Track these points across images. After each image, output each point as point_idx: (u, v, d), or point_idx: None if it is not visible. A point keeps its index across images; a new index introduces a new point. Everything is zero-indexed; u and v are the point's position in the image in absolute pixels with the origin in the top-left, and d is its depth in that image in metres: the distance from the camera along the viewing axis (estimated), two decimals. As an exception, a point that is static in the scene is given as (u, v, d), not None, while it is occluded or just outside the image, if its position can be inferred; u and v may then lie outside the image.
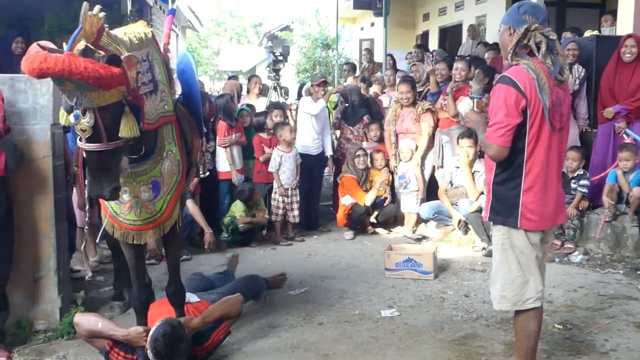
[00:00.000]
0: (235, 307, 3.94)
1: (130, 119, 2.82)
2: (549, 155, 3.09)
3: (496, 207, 3.17)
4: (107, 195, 2.89)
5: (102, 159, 2.83)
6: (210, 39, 45.59)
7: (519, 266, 3.15)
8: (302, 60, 19.85)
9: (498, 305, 3.27)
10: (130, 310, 4.53)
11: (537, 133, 3.04)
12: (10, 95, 4.14)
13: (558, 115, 3.11)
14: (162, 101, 3.36)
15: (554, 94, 3.06)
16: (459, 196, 6.85)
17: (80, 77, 2.53)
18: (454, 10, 15.01)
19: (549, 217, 3.15)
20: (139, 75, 3.05)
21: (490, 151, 3.10)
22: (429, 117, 7.31)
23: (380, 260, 5.80)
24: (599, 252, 6.17)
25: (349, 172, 7.36)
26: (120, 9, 11.90)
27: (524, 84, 2.99)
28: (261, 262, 6.23)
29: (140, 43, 3.22)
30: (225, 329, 3.87)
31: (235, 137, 7.13)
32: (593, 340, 4.06)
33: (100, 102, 2.68)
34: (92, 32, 2.72)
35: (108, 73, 2.60)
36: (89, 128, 2.72)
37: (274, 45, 10.71)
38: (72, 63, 2.51)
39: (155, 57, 3.40)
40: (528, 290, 3.16)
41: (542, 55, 3.02)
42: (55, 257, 4.31)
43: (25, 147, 4.17)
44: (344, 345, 4.08)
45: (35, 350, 4.05)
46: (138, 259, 3.69)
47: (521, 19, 3.10)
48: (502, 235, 3.17)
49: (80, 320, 3.66)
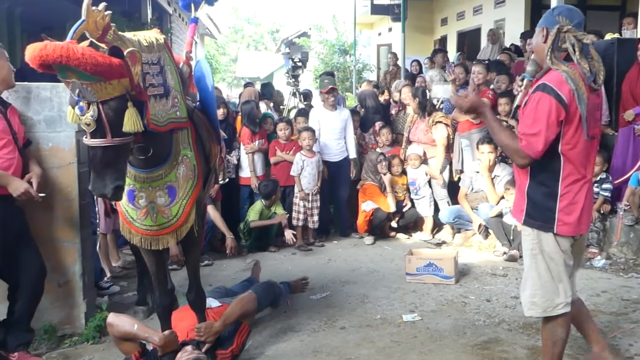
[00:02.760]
0: (250, 304, 3.99)
1: (134, 114, 2.84)
2: (583, 160, 3.06)
3: (532, 212, 3.12)
4: (110, 194, 2.88)
5: (107, 156, 2.85)
6: (228, 46, 45.89)
7: (548, 272, 3.11)
8: (319, 66, 19.86)
9: (529, 312, 3.23)
10: (153, 315, 4.59)
11: (573, 140, 2.99)
12: (36, 104, 4.22)
13: (593, 121, 3.08)
14: (174, 107, 3.37)
15: (590, 101, 3.02)
16: (479, 200, 6.84)
17: (78, 64, 2.57)
18: (472, 15, 14.98)
19: (584, 222, 3.12)
20: (147, 76, 3.09)
21: (522, 161, 3.05)
22: (441, 128, 7.27)
23: (401, 265, 5.81)
24: (621, 257, 6.11)
25: (369, 180, 7.37)
26: (140, 18, 12.04)
27: (564, 94, 2.93)
28: (282, 267, 6.26)
29: (151, 46, 3.23)
30: (246, 329, 3.92)
31: (259, 143, 7.18)
32: (617, 344, 4.03)
33: (103, 95, 2.72)
34: (97, 28, 2.76)
35: (106, 61, 2.63)
36: (93, 122, 2.76)
37: (292, 51, 10.71)
38: (70, 50, 2.56)
39: (168, 63, 3.41)
40: (558, 296, 3.12)
41: (577, 59, 2.97)
42: (80, 263, 4.37)
43: (51, 155, 4.25)
44: (366, 350, 4.09)
45: (61, 355, 4.11)
46: (159, 264, 3.71)
47: (555, 20, 3.07)
48: (532, 240, 3.14)
49: (115, 321, 3.61)
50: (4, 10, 10.77)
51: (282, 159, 7.25)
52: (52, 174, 4.25)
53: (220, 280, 5.57)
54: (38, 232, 4.13)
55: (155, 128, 3.10)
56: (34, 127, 4.19)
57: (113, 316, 3.68)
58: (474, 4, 14.81)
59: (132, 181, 3.35)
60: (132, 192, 3.39)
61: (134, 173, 3.31)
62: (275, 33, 47.09)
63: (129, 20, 10.81)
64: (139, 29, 3.63)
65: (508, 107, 7.16)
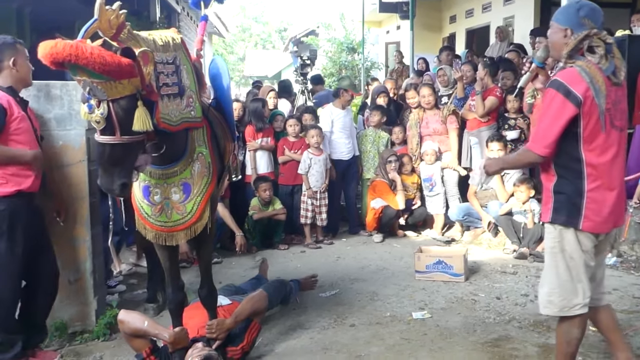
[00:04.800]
0: (261, 302, 4.01)
1: (144, 114, 2.84)
2: (610, 155, 3.01)
3: (558, 208, 3.07)
4: (117, 190, 2.90)
5: (115, 153, 2.85)
6: (236, 45, 45.97)
7: (568, 271, 3.07)
8: (328, 65, 19.87)
9: (544, 310, 3.19)
10: (163, 313, 4.60)
11: (593, 135, 2.95)
12: (47, 102, 4.23)
13: (619, 113, 3.04)
14: (189, 107, 3.37)
15: (612, 93, 2.97)
16: (488, 198, 6.82)
17: (86, 63, 2.58)
18: (481, 12, 14.89)
19: (610, 219, 3.06)
20: (160, 75, 3.09)
21: (532, 158, 3.06)
22: (454, 119, 7.36)
23: (410, 262, 5.80)
24: (632, 255, 6.07)
25: (379, 177, 7.36)
26: (149, 16, 12.09)
27: (578, 90, 2.90)
28: (290, 265, 6.26)
29: (166, 46, 3.23)
30: (256, 326, 3.93)
31: (262, 141, 7.18)
32: (629, 343, 3.99)
33: (113, 93, 2.72)
34: (110, 27, 2.75)
35: (115, 61, 2.63)
36: (103, 120, 2.77)
37: (300, 49, 10.78)
38: (80, 48, 2.57)
39: (184, 63, 3.40)
40: (576, 296, 3.07)
41: (598, 58, 2.93)
42: (90, 260, 4.38)
43: (61, 153, 4.26)
44: (376, 347, 4.08)
45: (72, 352, 4.13)
46: (172, 261, 3.73)
47: (580, 23, 3.00)
48: (554, 238, 3.10)
49: (125, 318, 3.62)
50: (14, 9, 10.84)
51: (291, 159, 7.25)
52: (63, 172, 4.26)
53: (229, 278, 5.58)
54: (49, 230, 4.14)
55: (166, 127, 3.10)
56: (44, 125, 4.19)
57: (124, 313, 3.69)
58: (482, 2, 14.73)
59: (147, 177, 3.37)
60: (147, 188, 3.41)
61: (150, 169, 3.32)
62: (283, 32, 47.07)
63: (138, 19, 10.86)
64: (148, 28, 3.63)
65: (517, 104, 7.14)
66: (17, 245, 3.72)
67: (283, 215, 6.95)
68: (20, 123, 3.71)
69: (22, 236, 3.75)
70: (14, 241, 3.71)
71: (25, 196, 3.77)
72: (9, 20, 10.73)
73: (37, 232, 3.91)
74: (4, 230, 3.69)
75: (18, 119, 3.69)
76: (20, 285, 3.84)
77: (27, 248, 3.78)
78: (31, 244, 3.82)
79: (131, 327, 3.59)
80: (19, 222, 3.73)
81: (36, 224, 3.91)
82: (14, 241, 3.71)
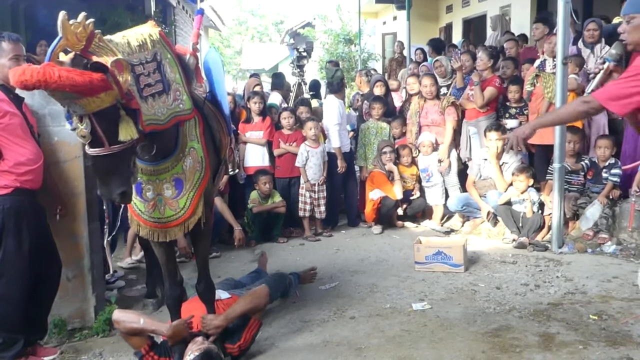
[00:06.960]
0: (262, 299, 3.95)
1: (128, 123, 2.80)
2: None
3: None
4: (117, 199, 2.89)
5: (108, 163, 2.83)
6: (232, 38, 45.88)
7: None
8: (324, 56, 19.83)
9: None
10: (162, 308, 4.59)
11: None
12: (42, 98, 4.20)
13: None
14: (176, 100, 3.34)
15: None
16: (487, 188, 6.81)
17: (57, 87, 2.51)
18: (477, 1, 14.85)
19: None
20: (141, 77, 3.04)
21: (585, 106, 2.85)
22: (453, 110, 7.29)
23: (410, 253, 5.79)
24: (632, 242, 6.06)
25: (377, 168, 7.34)
26: (144, 10, 12.01)
27: None
28: (290, 258, 6.25)
29: (143, 45, 3.17)
30: (256, 324, 3.87)
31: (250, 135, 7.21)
32: (630, 330, 4.00)
33: (92, 108, 2.66)
34: (79, 40, 2.66)
35: (86, 79, 2.56)
36: (88, 134, 2.73)
37: (296, 42, 10.69)
38: (47, 73, 2.49)
39: (166, 57, 3.36)
40: None
41: None
42: (88, 257, 4.36)
43: (57, 149, 4.24)
44: (376, 339, 4.07)
45: (71, 348, 4.12)
46: (168, 256, 3.72)
47: None
48: None
49: (120, 318, 3.61)
50: (8, 6, 10.77)
51: (286, 151, 7.23)
52: (59, 168, 4.24)
53: (228, 272, 5.57)
54: (48, 227, 4.14)
55: (154, 128, 3.07)
56: (39, 121, 4.16)
57: (118, 313, 3.69)
58: (479, -9, 14.71)
59: (139, 174, 3.33)
60: (140, 185, 3.39)
61: (141, 166, 3.30)
62: (280, 24, 46.99)
63: (133, 14, 10.79)
64: (143, 22, 3.57)
65: (518, 95, 7.12)
66: (23, 242, 3.72)
67: (283, 208, 6.93)
68: (11, 119, 3.68)
69: (28, 233, 3.74)
70: (20, 238, 3.71)
71: (29, 193, 3.77)
72: (4, 16, 10.68)
73: (41, 228, 3.90)
74: (10, 228, 3.69)
75: (8, 115, 3.66)
76: (27, 284, 3.82)
77: (32, 245, 3.77)
78: (36, 241, 3.81)
79: (127, 326, 3.59)
80: (25, 219, 3.73)
81: (40, 221, 3.90)
82: (20, 238, 3.71)
